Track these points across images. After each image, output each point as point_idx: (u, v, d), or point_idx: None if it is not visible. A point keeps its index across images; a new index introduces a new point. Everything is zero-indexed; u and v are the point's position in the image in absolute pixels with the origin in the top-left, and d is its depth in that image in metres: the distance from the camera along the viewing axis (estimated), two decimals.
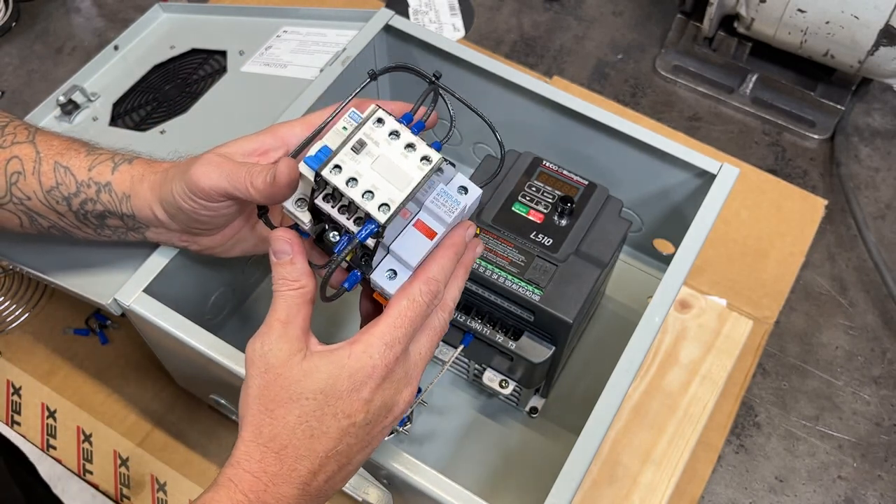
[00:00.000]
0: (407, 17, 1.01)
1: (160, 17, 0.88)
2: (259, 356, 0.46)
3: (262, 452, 0.46)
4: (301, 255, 0.48)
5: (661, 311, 0.61)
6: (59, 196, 0.58)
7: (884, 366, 0.87)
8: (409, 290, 0.47)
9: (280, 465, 0.45)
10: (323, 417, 0.46)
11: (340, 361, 0.46)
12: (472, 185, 0.50)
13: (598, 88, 1.10)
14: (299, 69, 0.78)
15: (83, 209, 0.58)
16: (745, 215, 0.95)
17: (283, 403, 0.46)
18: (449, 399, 0.78)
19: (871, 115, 1.08)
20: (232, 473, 0.45)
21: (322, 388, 0.45)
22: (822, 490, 0.80)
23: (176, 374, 0.79)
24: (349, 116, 0.48)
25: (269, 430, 0.46)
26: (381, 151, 0.46)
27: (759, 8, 0.99)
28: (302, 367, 0.46)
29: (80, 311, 0.86)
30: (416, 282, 0.47)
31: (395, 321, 0.46)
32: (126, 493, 0.76)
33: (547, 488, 0.54)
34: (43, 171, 0.58)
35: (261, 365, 0.46)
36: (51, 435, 0.79)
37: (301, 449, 0.46)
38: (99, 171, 0.58)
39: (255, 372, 0.47)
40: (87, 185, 0.58)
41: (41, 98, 0.83)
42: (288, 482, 0.45)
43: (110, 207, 0.58)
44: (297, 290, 0.47)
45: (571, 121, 0.74)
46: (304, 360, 0.46)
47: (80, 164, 0.58)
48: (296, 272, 0.47)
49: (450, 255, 0.49)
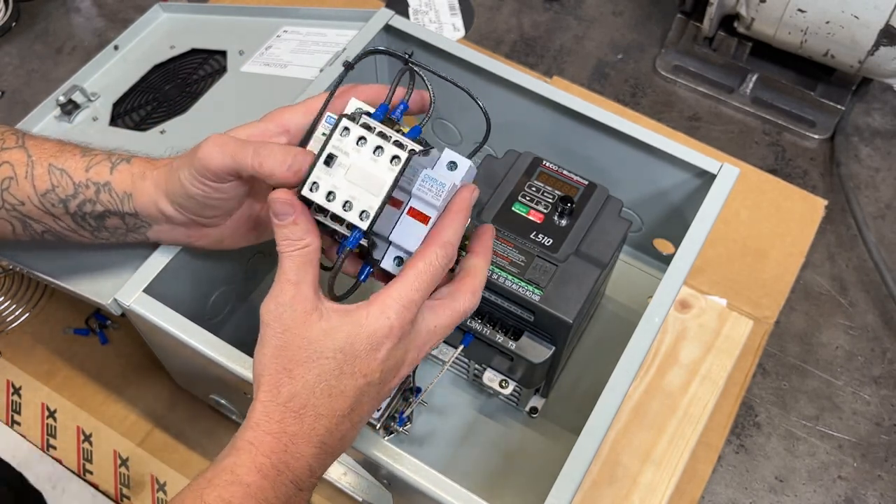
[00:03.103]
0: (407, 17, 1.01)
1: (160, 17, 0.88)
2: (274, 317, 0.46)
3: (282, 412, 0.46)
4: (303, 215, 0.47)
5: (661, 311, 0.61)
6: (55, 199, 0.58)
7: (884, 366, 0.87)
8: (426, 254, 0.48)
9: (300, 425, 0.46)
10: (341, 377, 0.46)
11: (359, 321, 0.46)
12: (461, 159, 0.51)
13: (598, 88, 1.10)
14: (299, 69, 0.78)
15: (81, 211, 0.58)
16: (745, 215, 0.95)
17: (302, 363, 0.46)
18: (449, 399, 0.78)
19: (871, 115, 1.08)
20: (251, 436, 0.46)
21: (341, 348, 0.46)
22: (822, 490, 0.80)
23: (176, 374, 0.79)
24: (325, 121, 0.50)
25: (288, 389, 0.46)
26: (351, 161, 0.47)
27: (759, 8, 0.99)
28: (321, 326, 0.46)
29: (80, 311, 0.86)
30: (433, 245, 0.48)
31: (413, 283, 0.47)
32: (126, 493, 0.76)
33: (547, 488, 0.54)
34: (37, 174, 0.57)
35: (277, 326, 0.46)
36: (51, 435, 0.79)
37: (320, 408, 0.46)
38: (97, 171, 0.57)
39: (271, 332, 0.47)
40: (86, 186, 0.57)
41: (41, 98, 0.83)
42: (307, 441, 0.46)
43: (110, 207, 0.57)
44: (303, 250, 0.47)
45: (571, 121, 0.74)
46: (321, 318, 0.46)
47: (77, 165, 0.57)
48: (299, 231, 0.47)
49: (461, 218, 0.50)
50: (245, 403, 0.70)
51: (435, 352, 0.70)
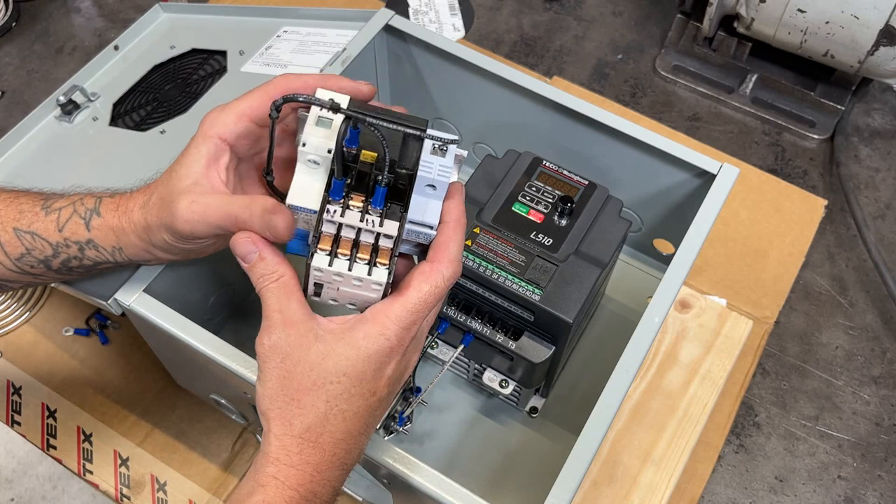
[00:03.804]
0: (407, 17, 1.01)
1: (160, 17, 0.88)
2: (269, 348, 0.46)
3: (299, 444, 0.45)
4: (268, 249, 0.47)
5: (661, 311, 0.61)
6: (32, 261, 0.55)
7: (884, 366, 0.87)
8: (432, 276, 0.47)
9: (322, 453, 0.46)
10: (351, 399, 0.46)
11: (356, 343, 0.46)
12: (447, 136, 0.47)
13: (598, 88, 1.10)
14: (299, 69, 0.78)
15: (66, 266, 0.56)
16: (745, 215, 0.95)
17: (308, 390, 0.45)
18: (449, 399, 0.78)
19: (871, 115, 1.08)
20: (274, 471, 0.45)
21: (345, 371, 0.46)
22: (822, 490, 0.80)
23: (176, 374, 0.79)
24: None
25: (301, 421, 0.45)
26: (338, 287, 0.47)
27: (759, 8, 0.99)
28: (318, 349, 0.46)
29: (80, 311, 0.86)
30: (439, 265, 0.47)
31: (416, 306, 0.46)
32: (126, 493, 0.76)
33: (547, 488, 0.54)
34: (4, 241, 0.54)
35: (275, 357, 0.46)
36: (51, 435, 0.79)
37: (337, 433, 0.46)
38: (71, 229, 0.55)
39: (271, 366, 0.46)
40: (66, 245, 0.55)
41: (41, 98, 0.83)
42: (330, 466, 0.46)
43: (100, 259, 0.56)
44: (279, 281, 0.47)
45: (571, 121, 0.74)
46: (317, 340, 0.46)
47: (46, 227, 0.54)
48: (270, 265, 0.47)
49: (462, 230, 0.49)
50: (245, 403, 0.70)
51: (435, 352, 0.70)
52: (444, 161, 0.47)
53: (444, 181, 0.47)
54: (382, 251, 0.47)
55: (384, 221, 0.46)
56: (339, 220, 0.46)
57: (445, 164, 0.47)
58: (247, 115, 0.52)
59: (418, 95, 0.83)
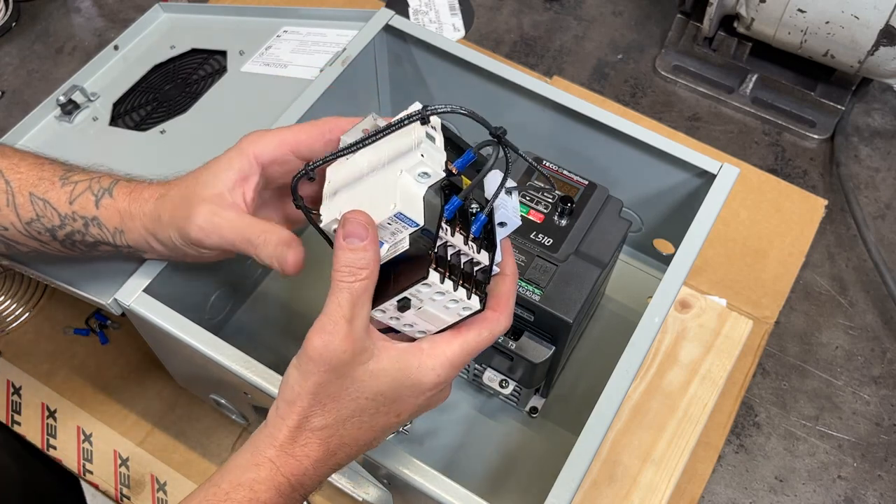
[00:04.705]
0: (407, 17, 1.01)
1: (160, 17, 0.88)
2: (320, 354, 0.44)
3: (308, 437, 0.46)
4: (375, 242, 0.44)
5: (661, 311, 0.61)
6: (40, 227, 0.56)
7: (884, 366, 0.87)
8: (493, 324, 0.48)
9: (324, 452, 0.46)
10: (376, 415, 0.47)
11: (408, 370, 0.46)
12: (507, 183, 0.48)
13: (598, 88, 1.10)
14: (299, 69, 0.78)
15: (70, 239, 0.57)
16: (745, 215, 0.95)
17: (339, 399, 0.45)
18: (449, 399, 0.77)
19: (871, 115, 1.08)
20: (274, 455, 0.45)
21: (384, 392, 0.46)
22: (822, 490, 0.80)
23: (176, 374, 0.79)
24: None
25: (320, 420, 0.46)
26: (423, 307, 0.46)
27: (759, 8, 0.99)
28: (368, 368, 0.45)
29: (80, 311, 0.86)
30: (500, 315, 0.48)
31: (472, 348, 0.47)
32: (126, 493, 0.76)
33: (547, 488, 0.54)
34: (19, 203, 0.56)
35: (322, 363, 0.44)
36: (51, 435, 0.79)
37: (346, 437, 0.46)
38: (81, 204, 0.55)
39: (314, 368, 0.44)
40: (73, 219, 0.56)
41: (41, 98, 0.83)
42: (327, 465, 0.47)
43: (101, 239, 0.56)
44: (364, 282, 0.43)
45: (571, 121, 0.74)
46: (371, 360, 0.45)
47: (59, 198, 0.56)
48: (366, 259, 0.43)
49: (516, 284, 0.50)
50: (245, 403, 0.70)
51: None
52: (514, 202, 0.49)
53: (516, 221, 0.48)
54: (472, 279, 0.46)
55: (480, 250, 0.46)
56: (449, 239, 0.45)
57: (515, 205, 0.49)
58: (289, 143, 0.53)
59: (418, 95, 0.83)
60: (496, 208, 0.48)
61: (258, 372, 0.58)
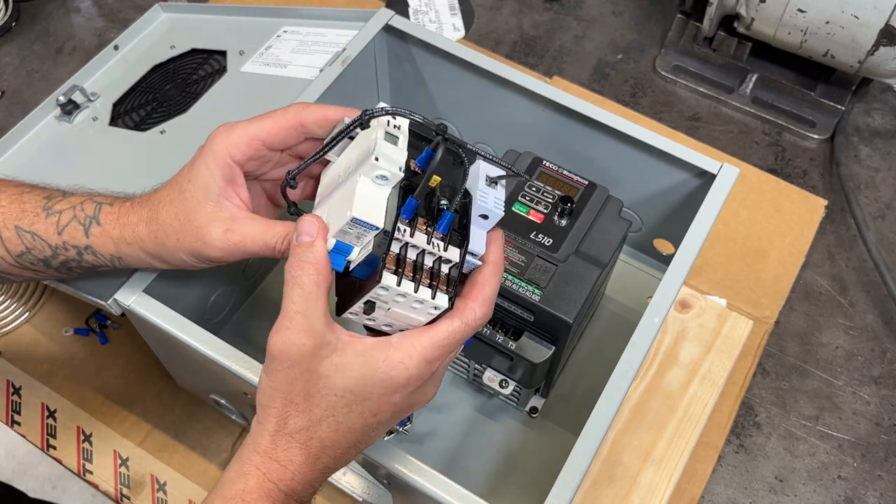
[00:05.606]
0: (407, 17, 1.01)
1: (160, 17, 0.88)
2: (281, 351, 0.44)
3: (288, 442, 0.46)
4: (324, 242, 0.45)
5: (661, 311, 0.61)
6: (32, 259, 0.55)
7: (884, 366, 0.87)
8: (465, 313, 0.46)
9: (306, 455, 0.46)
10: (349, 414, 0.46)
11: (374, 364, 0.45)
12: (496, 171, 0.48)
13: (598, 88, 1.10)
14: (299, 69, 0.78)
15: (66, 266, 0.56)
16: (745, 215, 0.95)
17: (310, 397, 0.45)
18: (449, 398, 0.78)
19: (871, 115, 1.08)
20: (259, 462, 0.46)
21: (351, 388, 0.45)
22: (822, 490, 0.80)
23: (176, 374, 0.79)
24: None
25: (295, 422, 0.46)
26: (390, 308, 0.46)
27: (759, 8, 0.99)
28: (332, 362, 0.45)
29: (80, 311, 0.86)
30: (473, 303, 0.46)
31: (444, 340, 0.46)
32: (126, 493, 0.76)
33: (547, 488, 0.54)
34: (6, 237, 0.55)
35: (284, 360, 0.45)
36: (51, 435, 0.79)
37: (326, 440, 0.46)
38: (70, 234, 0.54)
39: (278, 366, 0.45)
40: (65, 248, 0.55)
41: (41, 98, 0.83)
42: (313, 470, 0.47)
43: (98, 264, 0.56)
44: (311, 276, 0.44)
45: (571, 121, 0.74)
46: (333, 353, 0.45)
47: (46, 229, 0.54)
48: (313, 254, 0.45)
49: (500, 271, 0.49)
50: (245, 403, 0.70)
51: None
52: (497, 193, 0.48)
53: (498, 213, 0.47)
54: (441, 277, 0.46)
55: (448, 247, 0.46)
56: (408, 240, 0.44)
57: (499, 196, 0.48)
58: (259, 138, 0.52)
59: (418, 95, 0.83)
60: (475, 201, 0.47)
61: (258, 372, 0.58)
